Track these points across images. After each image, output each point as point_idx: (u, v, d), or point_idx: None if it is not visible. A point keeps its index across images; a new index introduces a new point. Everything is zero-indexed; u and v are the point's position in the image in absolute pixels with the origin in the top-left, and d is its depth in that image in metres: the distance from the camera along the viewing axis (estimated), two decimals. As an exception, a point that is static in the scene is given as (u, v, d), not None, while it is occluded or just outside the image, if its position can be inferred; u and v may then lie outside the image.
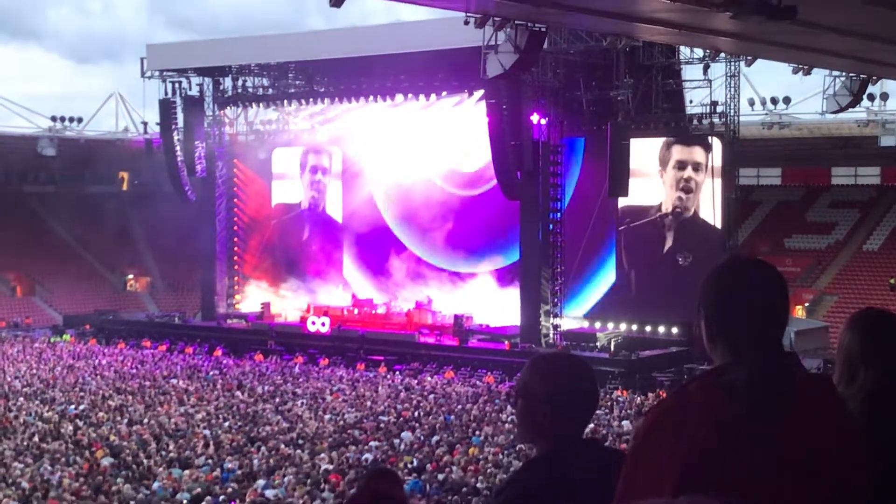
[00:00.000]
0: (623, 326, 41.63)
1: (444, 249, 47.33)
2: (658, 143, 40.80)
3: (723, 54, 35.31)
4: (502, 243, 44.75)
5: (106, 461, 22.12)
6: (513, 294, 43.04)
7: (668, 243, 41.11)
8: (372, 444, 24.48)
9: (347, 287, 49.87)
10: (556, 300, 41.10)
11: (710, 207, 40.19)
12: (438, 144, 45.99)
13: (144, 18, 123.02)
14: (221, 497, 19.15)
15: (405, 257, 48.83)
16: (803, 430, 2.51)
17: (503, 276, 45.16)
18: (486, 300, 44.34)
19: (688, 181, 40.64)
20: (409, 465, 21.87)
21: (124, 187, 67.21)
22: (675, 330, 40.33)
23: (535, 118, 40.04)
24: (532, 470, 3.32)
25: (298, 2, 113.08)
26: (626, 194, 38.86)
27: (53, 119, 57.52)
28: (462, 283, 46.42)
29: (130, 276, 64.14)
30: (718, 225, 39.97)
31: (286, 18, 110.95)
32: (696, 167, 40.60)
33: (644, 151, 39.82)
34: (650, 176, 40.73)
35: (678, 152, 40.78)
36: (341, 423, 27.53)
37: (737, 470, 2.47)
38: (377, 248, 49.77)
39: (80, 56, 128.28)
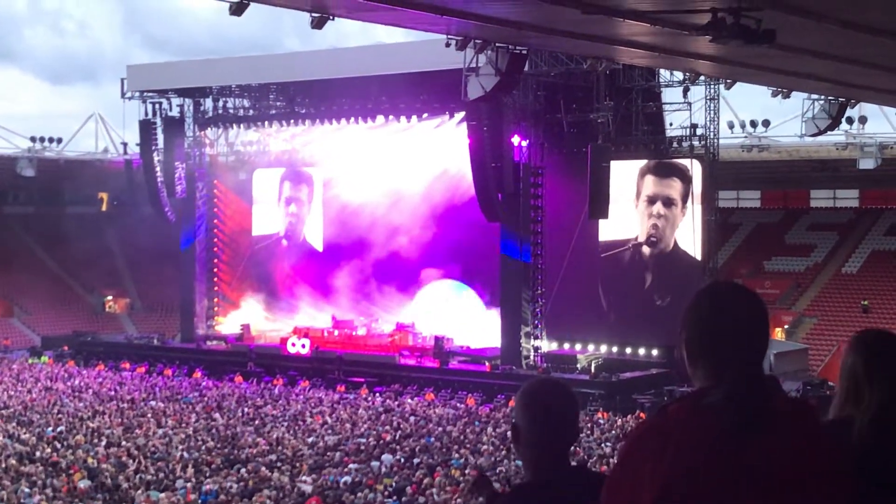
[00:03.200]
0: (603, 348, 41.67)
1: (424, 269, 47.33)
2: (635, 170, 40.98)
3: (702, 77, 35.52)
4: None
5: (83, 484, 21.94)
6: (491, 315, 43.25)
7: (648, 281, 41.29)
8: (352, 466, 24.38)
9: (327, 309, 49.72)
10: (536, 322, 41.11)
11: (689, 236, 40.36)
12: (419, 166, 45.99)
13: (120, 38, 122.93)
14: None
15: (383, 277, 48.79)
16: (782, 452, 2.53)
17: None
18: (467, 321, 44.33)
19: (658, 217, 40.93)
20: (389, 488, 21.78)
21: (104, 208, 66.98)
22: (655, 352, 40.41)
23: (515, 140, 40.15)
24: (515, 497, 3.33)
25: (275, 22, 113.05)
26: (606, 216, 38.92)
27: (33, 139, 57.29)
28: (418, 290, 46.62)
29: (109, 298, 63.82)
30: (698, 250, 40.12)
31: (262, 39, 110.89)
32: (668, 202, 40.76)
33: (621, 176, 39.94)
34: (627, 202, 40.89)
35: (651, 185, 40.96)
36: (321, 445, 27.41)
37: (715, 491, 2.49)
38: (356, 270, 49.66)
39: (55, 76, 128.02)
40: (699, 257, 40.13)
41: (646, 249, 41.34)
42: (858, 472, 2.80)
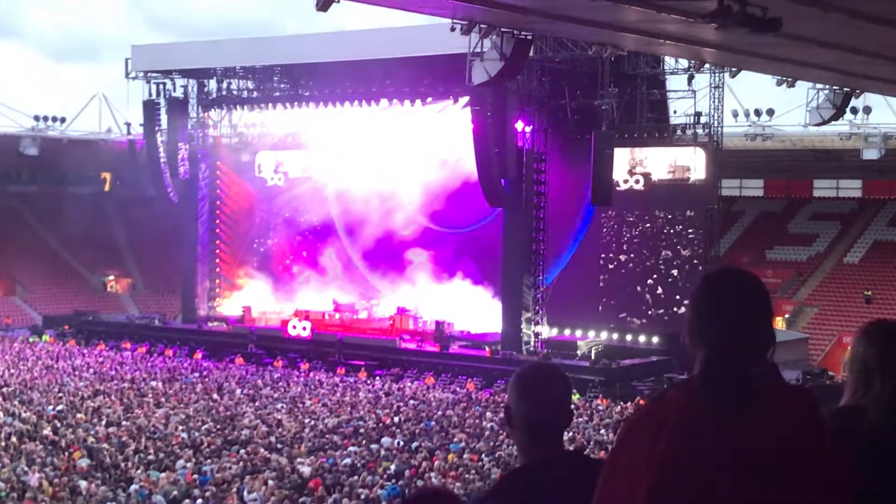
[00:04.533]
0: (604, 335, 41.69)
1: (412, 249, 47.42)
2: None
3: (707, 65, 35.41)
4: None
5: (83, 462, 22.00)
6: (479, 294, 43.71)
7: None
8: (351, 449, 24.43)
9: (329, 291, 49.71)
10: (537, 308, 41.11)
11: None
12: (422, 149, 45.91)
13: (122, 18, 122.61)
14: (199, 500, 19.08)
15: (384, 261, 48.82)
16: (768, 436, 2.55)
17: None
18: (467, 305, 44.33)
19: None
20: (388, 471, 21.83)
21: (106, 188, 66.95)
22: (655, 339, 40.45)
23: (519, 125, 40.08)
24: (508, 482, 3.35)
25: (278, 4, 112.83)
26: (609, 203, 38.96)
27: (36, 118, 57.28)
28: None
29: (111, 278, 63.90)
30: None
31: (265, 21, 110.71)
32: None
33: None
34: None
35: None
36: (321, 427, 27.46)
37: (703, 473, 2.51)
38: (358, 253, 49.73)
39: (58, 55, 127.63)
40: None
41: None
42: (870, 459, 2.81)
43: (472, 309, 44.05)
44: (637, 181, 41.38)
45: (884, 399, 3.11)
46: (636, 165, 41.34)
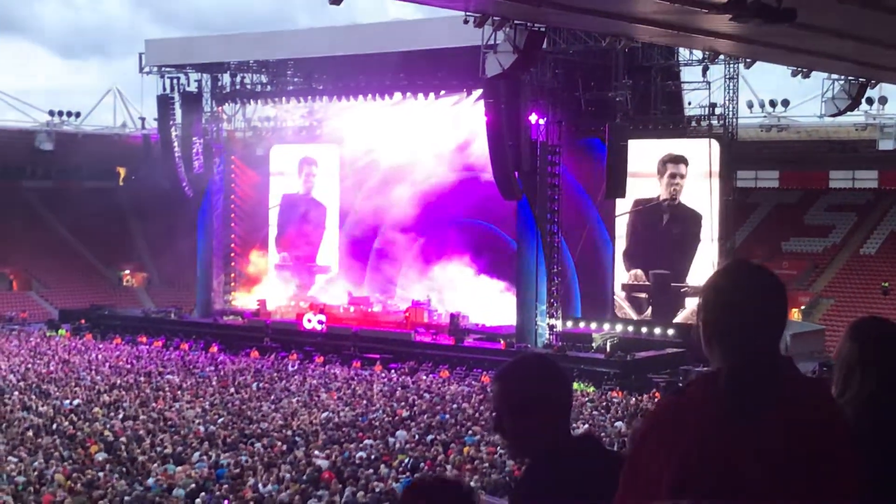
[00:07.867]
0: (619, 327, 41.63)
1: (440, 250, 47.36)
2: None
3: (722, 56, 35.32)
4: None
5: (100, 456, 22.09)
6: (492, 284, 44.00)
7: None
8: (367, 442, 24.46)
9: (344, 285, 49.76)
10: (552, 300, 41.07)
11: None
12: (436, 142, 45.86)
13: (129, 13, 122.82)
14: (216, 493, 19.13)
15: (401, 254, 48.86)
16: (788, 432, 2.52)
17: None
18: (481, 298, 44.37)
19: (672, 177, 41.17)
20: (403, 464, 21.86)
21: (121, 183, 67.19)
22: (670, 331, 40.40)
23: (533, 118, 40.01)
24: (535, 471, 3.31)
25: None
26: (623, 196, 38.88)
27: (51, 113, 57.45)
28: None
29: (126, 272, 64.11)
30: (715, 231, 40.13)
31: (273, 15, 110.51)
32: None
33: (642, 153, 39.95)
34: (649, 177, 40.88)
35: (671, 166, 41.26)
36: (336, 420, 27.51)
37: (728, 472, 2.49)
38: (371, 246, 49.76)
39: (66, 50, 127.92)
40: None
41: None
42: None
43: (473, 293, 44.14)
44: (675, 189, 41.30)
45: (861, 399, 3.08)
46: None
